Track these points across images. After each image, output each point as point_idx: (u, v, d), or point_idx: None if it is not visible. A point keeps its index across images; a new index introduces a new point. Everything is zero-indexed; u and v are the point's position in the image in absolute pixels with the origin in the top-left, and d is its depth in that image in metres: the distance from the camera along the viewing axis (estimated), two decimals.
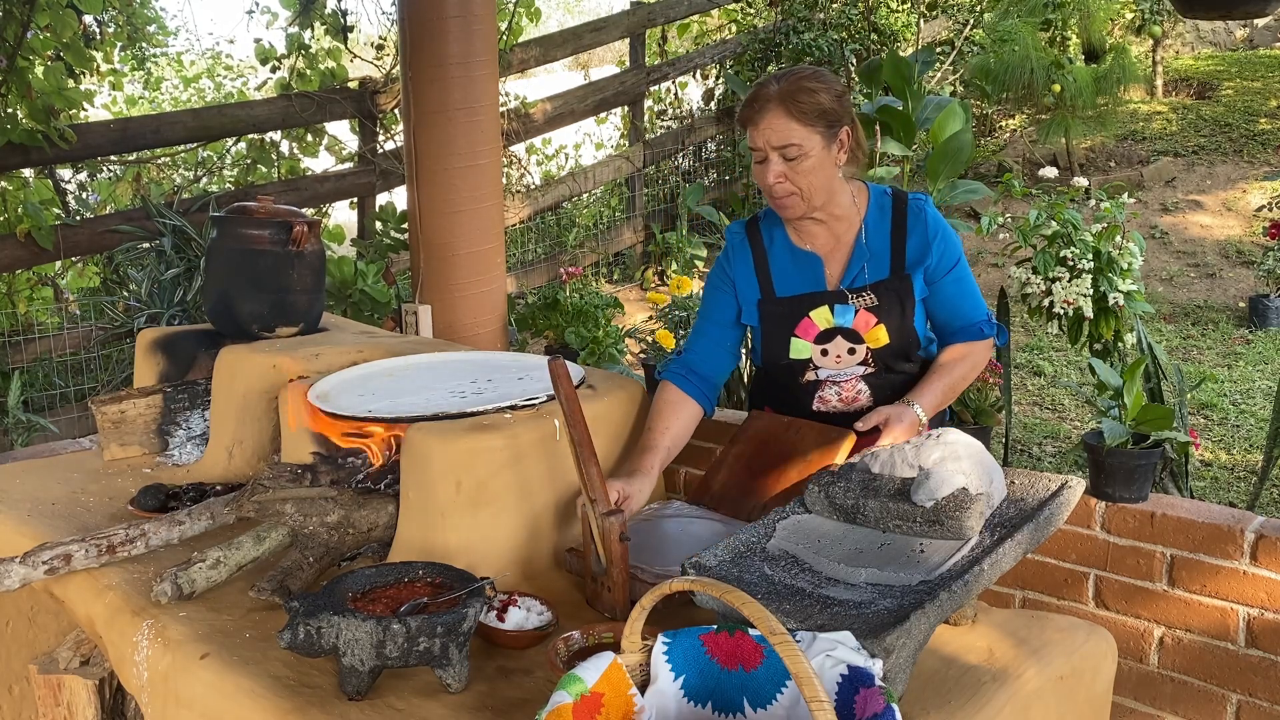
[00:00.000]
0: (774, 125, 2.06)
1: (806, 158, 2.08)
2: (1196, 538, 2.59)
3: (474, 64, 4.05)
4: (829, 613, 1.50)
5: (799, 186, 2.10)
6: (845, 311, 2.17)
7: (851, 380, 2.21)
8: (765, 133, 2.08)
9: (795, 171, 2.08)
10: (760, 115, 2.07)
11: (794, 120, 2.06)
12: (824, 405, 2.24)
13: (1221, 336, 6.15)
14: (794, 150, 2.07)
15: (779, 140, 2.07)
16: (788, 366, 2.23)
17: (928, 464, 1.74)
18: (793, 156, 2.07)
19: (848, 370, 2.20)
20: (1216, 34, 11.03)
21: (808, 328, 2.19)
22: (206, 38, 22.28)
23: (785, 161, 2.08)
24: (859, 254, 2.19)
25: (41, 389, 5.12)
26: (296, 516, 1.93)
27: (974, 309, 2.24)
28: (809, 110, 2.06)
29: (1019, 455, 4.62)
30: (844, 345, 2.18)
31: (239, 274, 2.53)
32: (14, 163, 5.23)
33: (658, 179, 8.18)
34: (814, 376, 2.22)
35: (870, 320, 2.16)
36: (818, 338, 2.19)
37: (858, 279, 2.18)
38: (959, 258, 2.22)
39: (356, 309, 5.16)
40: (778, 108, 2.06)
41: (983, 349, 2.25)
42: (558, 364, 1.85)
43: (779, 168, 2.09)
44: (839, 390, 2.22)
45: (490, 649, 1.67)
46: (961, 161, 4.02)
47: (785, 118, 2.06)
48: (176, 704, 1.67)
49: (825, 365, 2.20)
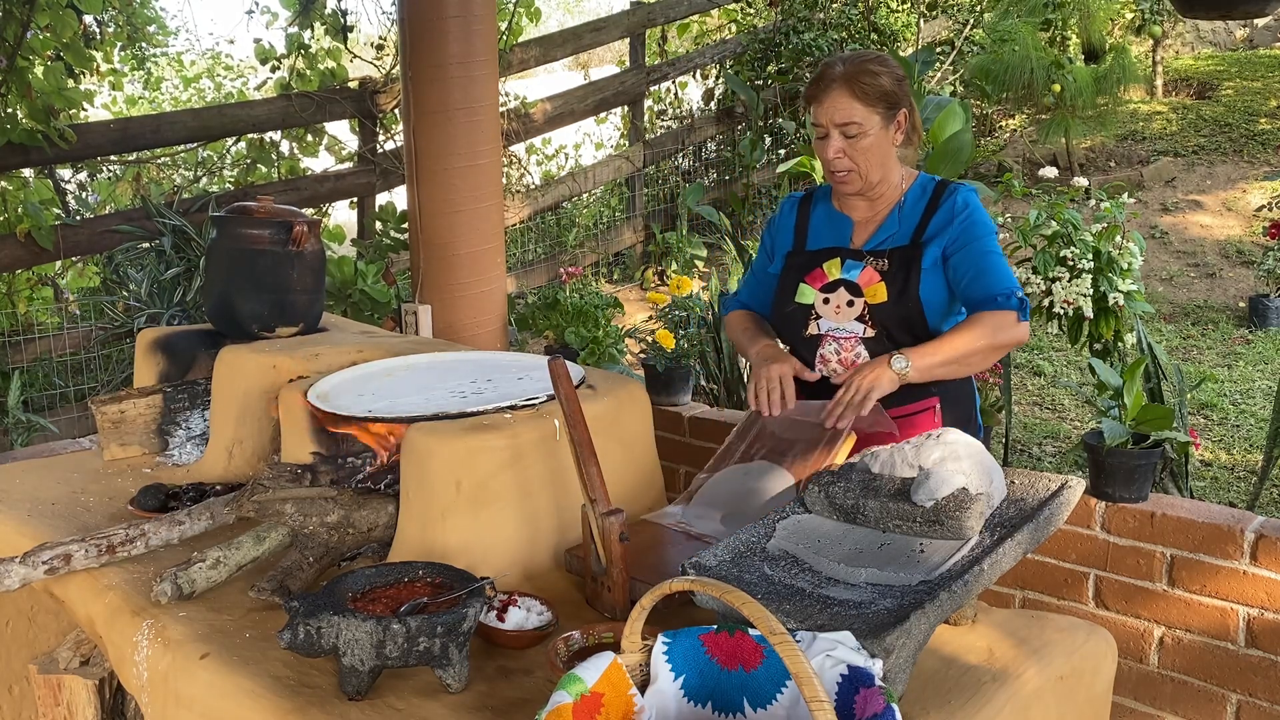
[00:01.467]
0: (837, 103, 2.19)
1: (865, 136, 2.20)
2: (1196, 538, 2.59)
3: (474, 64, 4.05)
4: (829, 613, 1.50)
5: (856, 163, 2.23)
6: (854, 267, 2.28)
7: (851, 340, 2.26)
8: (829, 110, 2.20)
9: (854, 149, 2.21)
10: (825, 93, 2.20)
11: (856, 100, 2.18)
12: (825, 366, 2.30)
13: (1221, 336, 6.15)
14: (854, 129, 2.20)
15: (841, 118, 2.19)
16: (792, 314, 2.33)
17: (928, 464, 1.74)
18: (853, 135, 2.20)
19: (847, 326, 2.26)
20: (1216, 34, 11.03)
21: (818, 276, 2.31)
22: (206, 38, 22.29)
23: (845, 139, 2.21)
24: (889, 223, 2.30)
25: (41, 389, 5.12)
26: (296, 516, 1.93)
27: (993, 282, 2.19)
28: (871, 91, 2.18)
29: (1019, 455, 4.62)
30: (845, 296, 2.27)
31: (239, 274, 2.53)
32: (14, 163, 5.23)
33: (658, 179, 8.18)
34: (816, 330, 2.30)
35: (874, 278, 2.25)
36: (824, 287, 2.30)
37: (882, 244, 2.29)
38: (986, 235, 2.23)
39: (356, 309, 5.16)
40: (842, 87, 2.18)
41: (998, 318, 2.14)
42: (558, 364, 1.85)
43: (839, 144, 2.21)
44: (839, 348, 2.28)
45: (490, 649, 1.67)
46: (961, 161, 4.02)
47: (849, 97, 2.18)
48: (176, 704, 1.67)
49: (825, 315, 2.29)
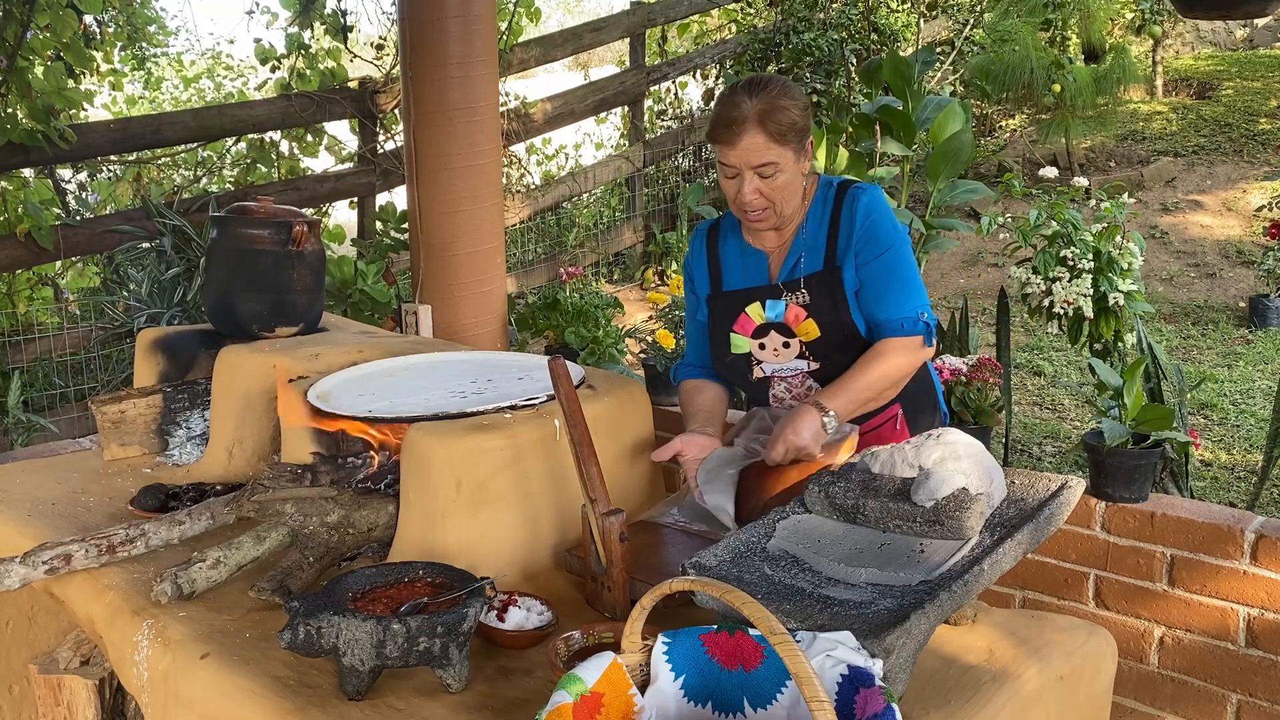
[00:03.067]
0: (752, 145, 2.06)
1: (781, 173, 2.09)
2: (1196, 538, 2.59)
3: (474, 64, 4.05)
4: (829, 613, 1.50)
5: (772, 200, 2.11)
6: (776, 306, 2.19)
7: (798, 376, 2.22)
8: (742, 154, 2.07)
9: (770, 187, 2.09)
10: (738, 136, 2.06)
11: (772, 140, 2.06)
12: (780, 405, 2.25)
13: (1221, 336, 6.15)
14: (770, 169, 2.08)
15: (757, 160, 2.07)
16: (733, 364, 2.26)
17: (928, 464, 1.74)
18: (769, 175, 2.08)
19: (790, 365, 2.21)
20: (1216, 34, 11.03)
21: (745, 323, 2.22)
22: (206, 38, 22.31)
23: (761, 179, 2.08)
24: (796, 246, 2.20)
25: (41, 389, 5.12)
26: (296, 516, 1.93)
27: (897, 303, 2.12)
28: (786, 129, 2.06)
29: (1019, 455, 4.62)
30: (778, 339, 2.20)
31: (239, 274, 2.53)
32: (14, 163, 5.23)
33: (658, 179, 8.18)
34: (761, 373, 2.25)
35: (800, 314, 2.17)
36: (754, 332, 2.22)
37: (795, 271, 2.19)
38: (889, 247, 2.14)
39: (356, 309, 5.16)
40: (756, 129, 2.05)
41: (902, 347, 2.10)
42: (558, 364, 1.85)
43: (754, 184, 2.09)
44: (788, 386, 2.24)
45: (490, 649, 1.67)
46: (961, 161, 4.02)
47: (764, 138, 2.05)
48: (176, 704, 1.67)
49: (766, 359, 2.23)
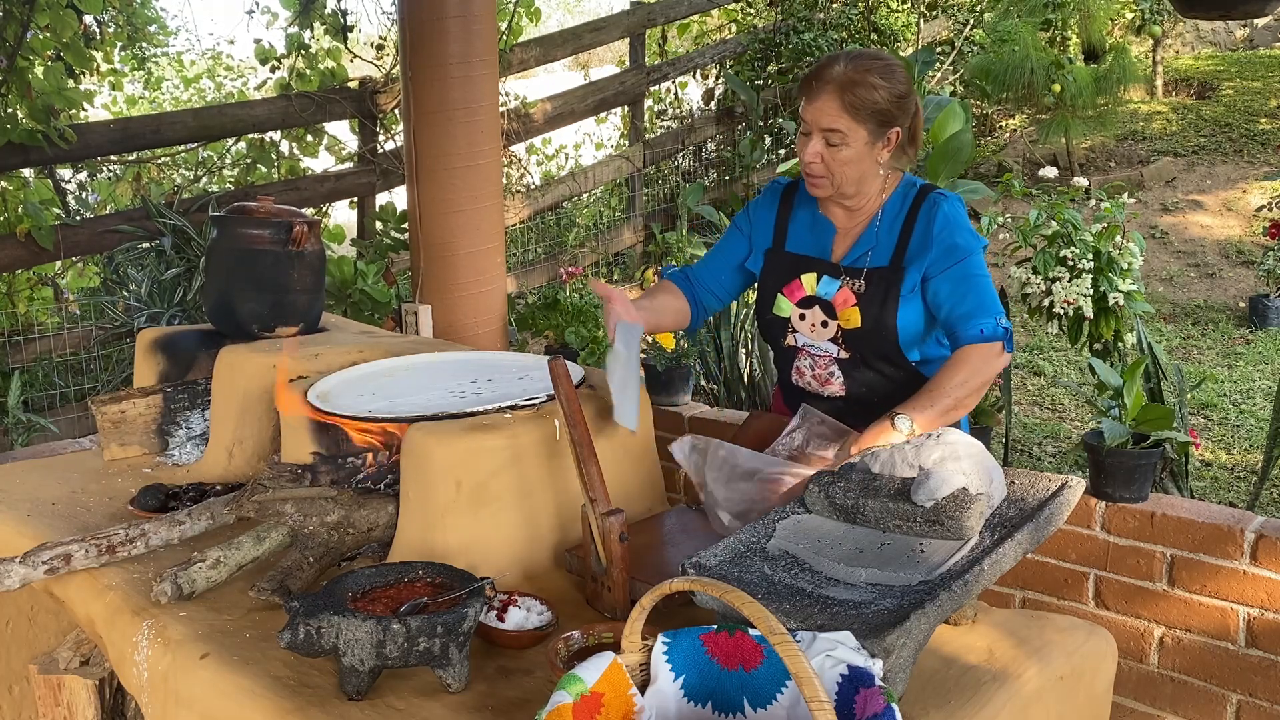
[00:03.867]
0: (825, 108, 2.07)
1: (847, 147, 2.09)
2: (1196, 538, 2.59)
3: (474, 64, 4.05)
4: (829, 613, 1.50)
5: (831, 171, 2.12)
6: (830, 284, 2.19)
7: (825, 358, 2.23)
8: (815, 112, 2.09)
9: (833, 156, 2.10)
10: (816, 95, 2.08)
11: (844, 110, 2.06)
12: (800, 378, 2.29)
13: (1221, 336, 6.15)
14: (837, 137, 2.08)
15: (826, 123, 2.08)
16: (771, 323, 2.28)
17: (928, 464, 1.74)
18: (835, 143, 2.09)
19: (822, 345, 2.22)
20: (1216, 34, 11.03)
21: (795, 289, 2.24)
22: (206, 38, 22.30)
23: (826, 145, 2.10)
24: (867, 238, 2.20)
25: (41, 389, 5.11)
26: (296, 516, 1.93)
27: (976, 309, 2.11)
28: (863, 105, 2.06)
29: (1019, 455, 4.62)
30: (820, 316, 2.21)
31: (239, 274, 2.53)
32: (14, 163, 5.23)
33: (658, 179, 8.18)
34: (793, 342, 2.26)
35: (849, 300, 2.17)
36: (800, 301, 2.23)
37: (859, 261, 2.19)
38: (966, 256, 2.14)
39: (356, 309, 5.16)
40: (834, 93, 2.06)
41: (983, 353, 2.08)
42: (558, 364, 1.85)
43: (818, 147, 2.10)
44: (813, 364, 2.25)
45: (490, 649, 1.67)
46: (961, 161, 4.01)
47: (838, 105, 2.06)
48: (176, 704, 1.67)
49: (802, 331, 2.24)
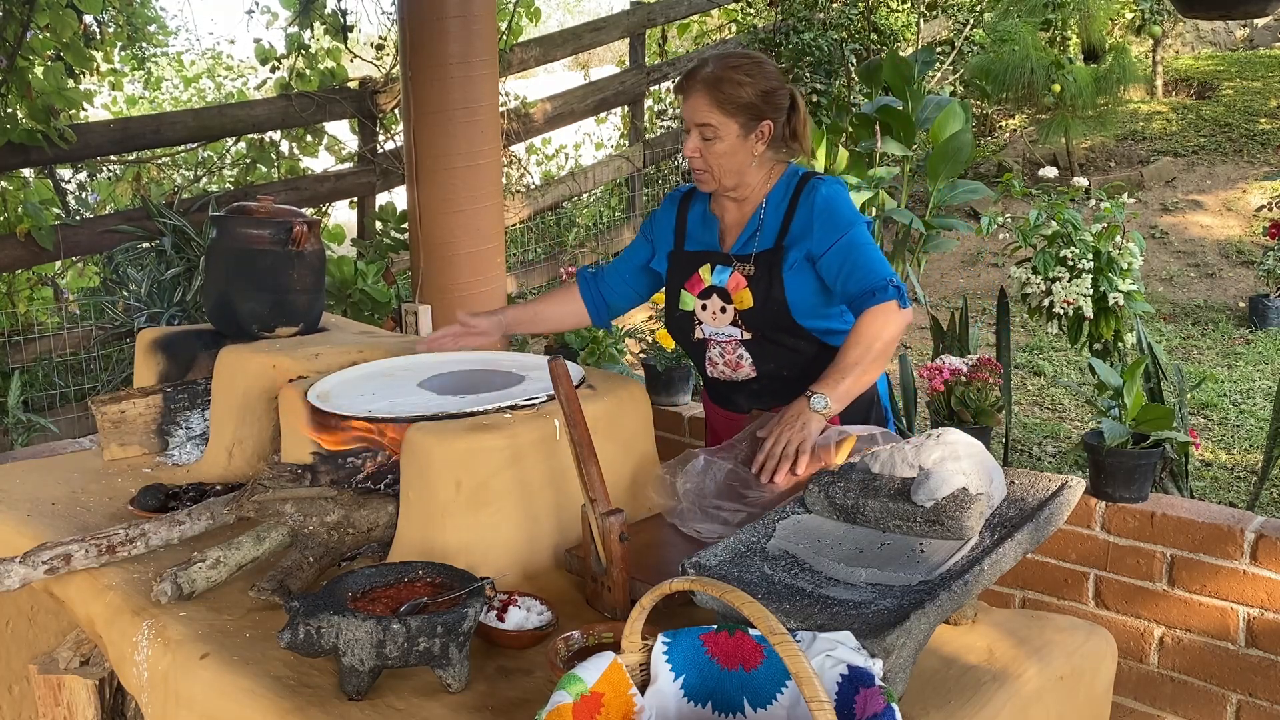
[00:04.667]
0: (696, 105, 2.21)
1: (720, 140, 2.22)
2: (1196, 538, 2.59)
3: (474, 64, 4.06)
4: (829, 613, 1.50)
5: (710, 164, 2.25)
6: (723, 272, 2.33)
7: (731, 343, 2.34)
8: (689, 110, 2.23)
9: (709, 151, 2.23)
10: (689, 93, 2.22)
11: (714, 106, 2.20)
12: (713, 369, 2.40)
13: (1221, 336, 6.15)
14: (709, 132, 2.22)
15: (698, 119, 2.22)
16: (679, 321, 2.41)
17: (928, 464, 1.74)
18: (708, 138, 2.22)
19: (725, 331, 2.33)
20: (1216, 34, 11.03)
21: (695, 282, 2.37)
22: (206, 38, 22.27)
23: (702, 140, 2.23)
24: (751, 224, 2.33)
25: (41, 389, 5.12)
26: (296, 516, 1.93)
27: (865, 276, 2.19)
28: (730, 100, 2.19)
29: (1019, 455, 4.62)
30: (718, 303, 2.33)
31: (239, 274, 2.53)
32: (14, 163, 5.23)
33: (658, 179, 8.18)
34: (700, 334, 2.38)
35: (740, 283, 2.29)
36: (701, 293, 2.36)
37: (746, 246, 2.32)
38: (846, 230, 2.22)
39: (356, 309, 5.16)
40: (702, 91, 2.20)
41: (879, 315, 2.16)
42: (558, 364, 1.85)
43: (695, 143, 2.24)
44: (722, 351, 2.36)
45: (490, 649, 1.67)
46: (961, 161, 4.02)
47: (707, 102, 2.20)
48: (176, 704, 1.67)
49: (706, 321, 2.36)
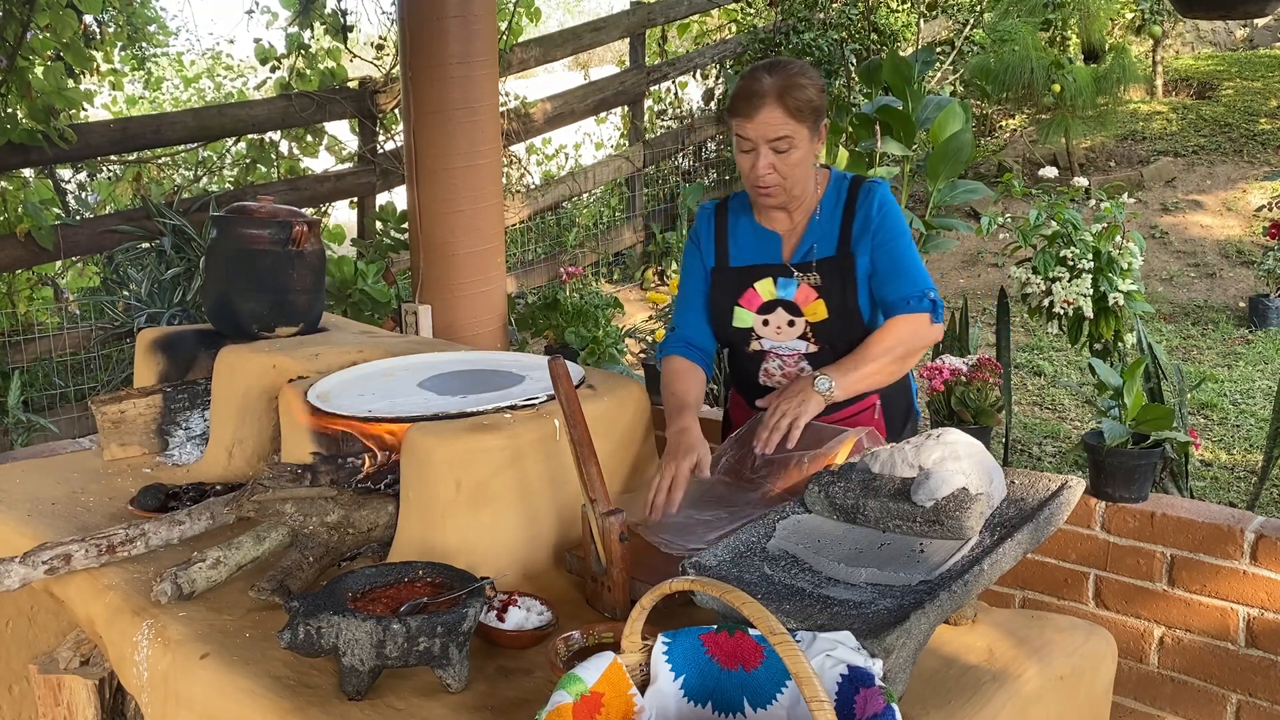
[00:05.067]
0: (770, 119, 2.13)
1: (795, 150, 2.17)
2: (1196, 538, 2.59)
3: (474, 64, 4.05)
4: (829, 613, 1.50)
5: (784, 176, 2.19)
6: (788, 285, 2.26)
7: (793, 356, 2.29)
8: (760, 126, 2.14)
9: (784, 163, 2.17)
10: (756, 110, 2.14)
11: (789, 115, 2.14)
12: (768, 379, 2.33)
13: (1221, 336, 6.15)
14: (785, 144, 2.15)
15: (773, 133, 2.14)
16: (733, 336, 2.34)
17: (928, 464, 1.74)
18: (783, 150, 2.16)
19: (789, 344, 2.28)
20: (1216, 34, 11.03)
21: (751, 298, 2.30)
22: (206, 38, 22.26)
23: (775, 154, 2.16)
24: (810, 232, 2.28)
25: (41, 389, 5.12)
26: (296, 516, 1.93)
27: (906, 282, 2.21)
28: (802, 105, 2.14)
29: (1019, 455, 4.62)
30: (784, 317, 2.27)
31: (239, 274, 2.53)
32: (14, 163, 5.23)
33: (658, 179, 8.18)
34: (759, 347, 2.31)
35: (811, 295, 2.25)
36: (761, 308, 2.29)
37: (807, 255, 2.27)
38: (900, 235, 2.23)
39: (356, 309, 5.16)
40: (775, 103, 2.13)
41: (911, 323, 2.19)
42: (558, 364, 1.85)
43: (769, 159, 2.16)
44: (781, 364, 2.31)
45: (490, 649, 1.67)
46: (961, 161, 4.02)
47: (781, 112, 2.13)
48: (176, 704, 1.67)
49: (767, 336, 2.30)
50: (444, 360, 2.41)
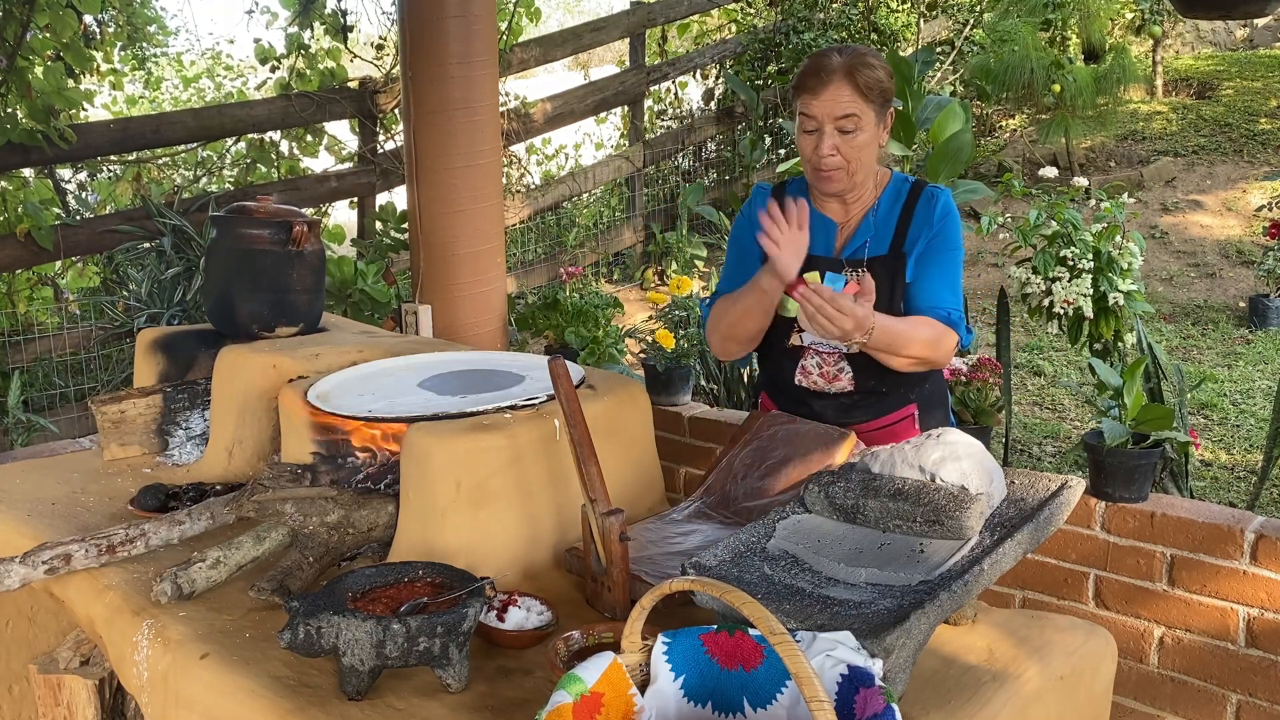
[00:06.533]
0: (838, 96, 2.08)
1: (861, 131, 2.11)
2: (1196, 538, 2.59)
3: (474, 64, 4.05)
4: (829, 613, 1.50)
5: (848, 160, 2.13)
6: (836, 280, 2.18)
7: (833, 355, 2.23)
8: (827, 104, 2.09)
9: (849, 145, 2.11)
10: (824, 86, 2.08)
11: (857, 93, 2.08)
12: (805, 378, 2.26)
13: (1221, 336, 6.15)
14: (851, 123, 2.10)
15: (841, 111, 2.09)
16: (776, 322, 2.25)
17: (928, 464, 1.74)
18: (849, 130, 2.10)
19: (831, 341, 2.21)
20: (1216, 34, 11.04)
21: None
22: (206, 38, 22.26)
23: (840, 134, 2.11)
24: (864, 228, 2.23)
25: (41, 389, 5.12)
26: (296, 516, 1.93)
27: (947, 296, 2.17)
28: (871, 85, 2.09)
29: (1019, 455, 4.62)
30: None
31: (239, 274, 2.53)
32: (14, 163, 5.23)
33: (658, 179, 8.18)
34: (799, 341, 2.25)
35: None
36: None
37: (858, 252, 2.21)
38: (953, 248, 2.19)
39: (356, 309, 5.16)
40: (843, 79, 2.08)
41: (945, 332, 2.14)
42: (558, 364, 1.85)
43: (833, 140, 2.11)
44: (820, 362, 2.24)
45: (490, 649, 1.67)
46: (961, 161, 4.02)
47: (850, 89, 2.08)
48: (176, 704, 1.67)
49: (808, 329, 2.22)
50: (444, 360, 2.41)
